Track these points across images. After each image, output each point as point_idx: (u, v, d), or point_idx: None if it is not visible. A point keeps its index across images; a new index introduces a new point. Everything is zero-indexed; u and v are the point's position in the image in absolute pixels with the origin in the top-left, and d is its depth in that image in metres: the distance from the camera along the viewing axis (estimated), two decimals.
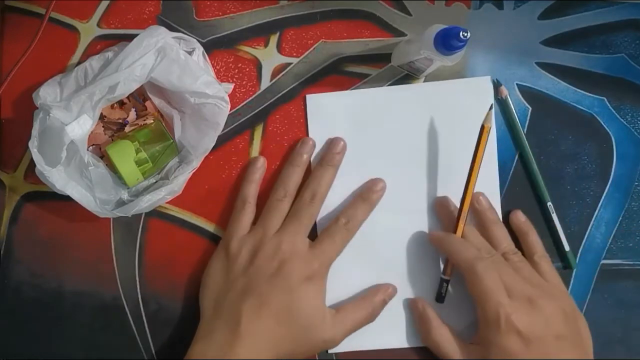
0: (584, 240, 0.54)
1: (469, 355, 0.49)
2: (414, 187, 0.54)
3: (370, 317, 0.51)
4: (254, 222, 0.53)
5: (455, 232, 0.51)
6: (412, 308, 0.52)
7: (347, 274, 0.53)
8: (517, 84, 0.55)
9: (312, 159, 0.54)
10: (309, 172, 0.54)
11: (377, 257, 0.53)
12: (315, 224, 0.53)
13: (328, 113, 0.55)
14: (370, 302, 0.51)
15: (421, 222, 0.54)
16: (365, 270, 0.53)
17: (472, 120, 0.52)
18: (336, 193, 0.54)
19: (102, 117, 0.54)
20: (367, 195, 0.52)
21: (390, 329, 0.53)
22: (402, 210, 0.53)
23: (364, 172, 0.54)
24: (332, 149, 0.53)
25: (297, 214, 0.51)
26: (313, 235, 0.52)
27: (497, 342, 0.47)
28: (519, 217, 0.53)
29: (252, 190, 0.53)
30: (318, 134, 0.54)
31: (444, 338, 0.50)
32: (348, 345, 0.52)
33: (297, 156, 0.53)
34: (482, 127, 0.51)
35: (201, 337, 0.49)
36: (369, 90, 0.55)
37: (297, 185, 0.53)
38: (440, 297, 0.52)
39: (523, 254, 0.51)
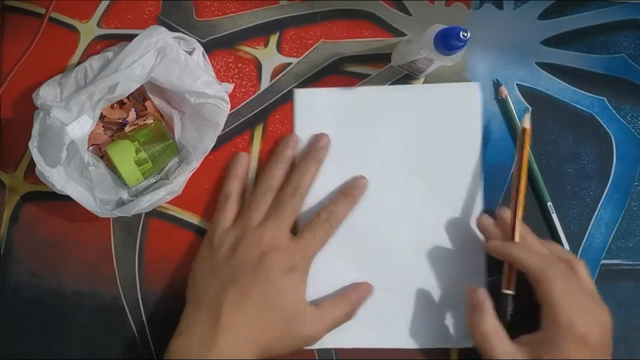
0: (584, 240, 0.54)
1: (516, 354, 0.47)
2: (397, 186, 0.54)
3: (349, 315, 0.51)
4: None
5: (512, 239, 0.49)
6: (469, 295, 0.50)
7: (330, 271, 0.53)
8: (517, 84, 0.55)
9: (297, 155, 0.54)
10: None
11: (360, 254, 0.53)
12: (297, 219, 0.53)
13: (315, 108, 0.55)
14: (349, 299, 0.52)
15: (404, 221, 0.54)
16: (348, 268, 0.53)
17: (456, 124, 0.53)
18: (319, 189, 0.54)
19: (102, 117, 0.54)
20: (349, 192, 0.53)
21: (372, 328, 0.53)
22: (385, 209, 0.54)
23: (348, 169, 0.54)
24: (317, 144, 0.53)
25: (279, 206, 0.51)
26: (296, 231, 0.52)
27: (561, 348, 0.45)
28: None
29: (234, 185, 0.53)
30: (304, 128, 0.54)
31: (496, 331, 0.48)
32: (329, 342, 0.52)
33: (281, 151, 0.53)
34: (523, 130, 0.51)
35: (182, 330, 0.49)
36: (358, 88, 0.55)
37: (281, 180, 0.53)
38: (505, 316, 0.49)
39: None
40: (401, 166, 0.54)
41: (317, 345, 0.51)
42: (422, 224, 0.53)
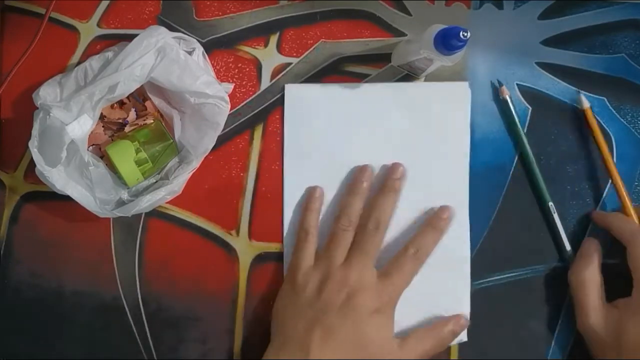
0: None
1: (604, 312, 0.49)
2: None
3: (439, 348, 0.51)
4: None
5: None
6: (583, 243, 0.52)
7: None
8: (517, 84, 0.55)
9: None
10: None
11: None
12: (282, 228, 0.54)
13: (306, 104, 0.55)
14: (439, 332, 0.51)
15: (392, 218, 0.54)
16: None
17: (446, 122, 0.54)
18: (304, 188, 0.54)
19: (102, 117, 0.54)
20: (435, 223, 0.52)
21: None
22: None
23: (337, 165, 0.54)
24: (392, 175, 0.53)
25: (362, 244, 0.51)
26: None
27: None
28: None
29: (313, 220, 0.53)
30: (294, 123, 0.55)
31: (594, 283, 0.50)
32: None
33: (357, 184, 0.53)
34: (584, 112, 0.52)
35: None
36: (349, 85, 0.55)
37: (359, 213, 0.52)
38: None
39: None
40: (389, 162, 0.54)
41: None
42: (409, 221, 0.54)
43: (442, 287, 0.53)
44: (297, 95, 0.55)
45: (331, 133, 0.54)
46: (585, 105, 0.53)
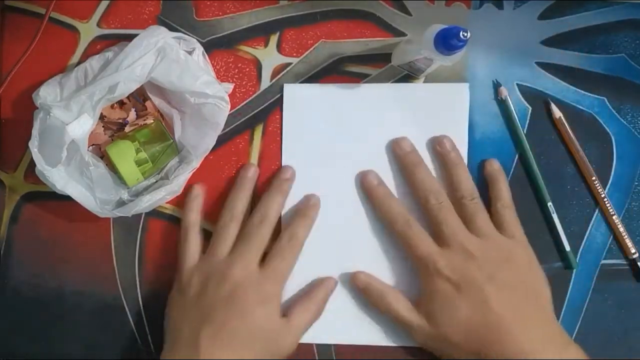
0: (584, 240, 0.54)
1: (417, 311, 0.50)
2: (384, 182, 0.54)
3: (317, 315, 0.52)
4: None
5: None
6: (355, 281, 0.53)
7: (313, 270, 0.54)
8: (517, 84, 0.55)
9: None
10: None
11: (346, 253, 0.54)
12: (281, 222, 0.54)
13: (304, 104, 0.55)
14: (315, 301, 0.52)
15: None
16: (334, 268, 0.54)
17: (445, 124, 0.54)
18: (306, 186, 0.54)
19: (102, 117, 0.54)
20: (305, 212, 0.53)
21: (357, 325, 0.53)
22: (370, 206, 0.54)
23: (335, 165, 0.54)
24: (281, 175, 0.53)
25: (246, 236, 0.51)
26: None
27: (434, 289, 0.49)
28: (493, 165, 0.53)
29: (192, 217, 0.53)
30: (293, 123, 0.55)
31: (395, 300, 0.51)
32: (325, 338, 0.53)
33: (241, 180, 0.53)
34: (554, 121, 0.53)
35: None
36: (348, 85, 0.55)
37: (244, 209, 0.53)
38: None
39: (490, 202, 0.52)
40: (388, 163, 0.54)
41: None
42: None
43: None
44: (296, 96, 0.55)
45: (330, 133, 0.54)
46: (555, 115, 0.53)
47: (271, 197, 0.53)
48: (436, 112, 0.54)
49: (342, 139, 0.54)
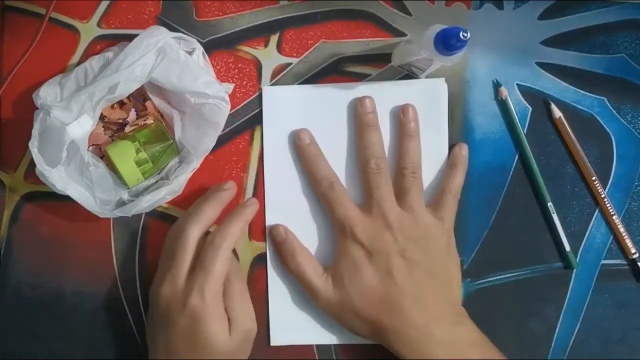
0: (584, 240, 0.54)
1: (325, 274, 0.51)
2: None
3: (244, 228, 0.52)
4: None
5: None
6: (273, 235, 0.53)
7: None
8: (517, 84, 0.55)
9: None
10: None
11: (329, 250, 0.54)
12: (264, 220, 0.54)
13: (283, 106, 0.55)
14: (240, 213, 0.51)
15: None
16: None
17: (424, 120, 0.54)
18: (290, 186, 0.54)
19: (102, 117, 0.54)
20: (239, 214, 0.51)
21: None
22: None
23: None
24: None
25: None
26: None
27: (345, 251, 0.50)
28: (461, 150, 0.54)
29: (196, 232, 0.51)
30: (272, 126, 0.55)
31: (304, 259, 0.52)
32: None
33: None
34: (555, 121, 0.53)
35: None
36: (326, 85, 0.55)
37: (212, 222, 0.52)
38: None
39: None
40: None
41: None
42: None
43: None
44: (274, 97, 0.55)
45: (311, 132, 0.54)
46: (555, 115, 0.53)
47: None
48: (417, 108, 0.54)
49: (322, 140, 0.54)
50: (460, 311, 0.50)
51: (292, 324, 0.54)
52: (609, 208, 0.53)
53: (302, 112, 0.54)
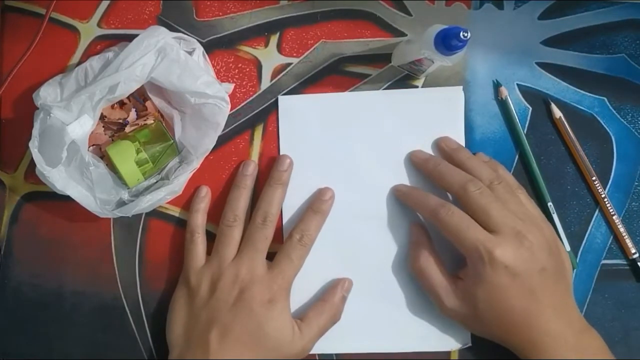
0: (584, 240, 0.54)
1: (453, 287, 0.50)
2: (383, 190, 0.54)
3: (335, 318, 0.51)
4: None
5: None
6: (411, 232, 0.53)
7: (315, 278, 0.53)
8: (517, 84, 0.55)
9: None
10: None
11: (346, 261, 0.53)
12: (282, 231, 0.54)
13: (299, 115, 0.55)
14: (331, 303, 0.51)
15: (390, 225, 0.53)
16: (333, 275, 0.53)
17: (441, 128, 0.54)
18: (303, 197, 0.54)
19: (102, 117, 0.54)
20: (317, 207, 0.52)
21: (360, 333, 0.53)
22: (371, 214, 0.54)
23: (332, 175, 0.54)
24: (279, 167, 0.53)
25: (251, 238, 0.51)
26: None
27: (485, 277, 0.47)
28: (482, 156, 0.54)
29: (198, 219, 0.53)
30: (289, 136, 0.55)
31: (431, 266, 0.50)
32: (328, 347, 0.53)
33: (241, 178, 0.53)
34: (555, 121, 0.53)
35: None
36: (342, 94, 0.55)
37: (246, 207, 0.53)
38: None
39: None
40: (386, 171, 0.54)
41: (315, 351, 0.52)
42: (407, 228, 0.53)
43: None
44: (291, 107, 0.55)
45: (326, 142, 0.54)
46: (555, 115, 0.53)
47: (271, 191, 0.52)
48: (432, 116, 0.54)
49: (338, 148, 0.54)
50: (582, 317, 0.49)
51: None
52: (609, 208, 0.53)
53: (318, 122, 0.54)
